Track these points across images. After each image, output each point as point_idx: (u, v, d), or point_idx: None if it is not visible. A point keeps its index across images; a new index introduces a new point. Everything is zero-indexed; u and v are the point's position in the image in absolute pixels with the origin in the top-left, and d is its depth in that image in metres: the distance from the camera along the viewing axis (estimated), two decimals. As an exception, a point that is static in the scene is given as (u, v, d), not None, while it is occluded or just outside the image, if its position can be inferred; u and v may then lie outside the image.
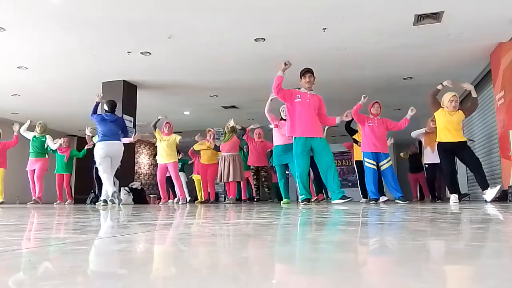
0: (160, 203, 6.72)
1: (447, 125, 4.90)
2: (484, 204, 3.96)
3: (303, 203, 4.37)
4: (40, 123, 7.62)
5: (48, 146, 7.51)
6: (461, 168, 7.78)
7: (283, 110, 6.11)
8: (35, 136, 7.49)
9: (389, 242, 1.06)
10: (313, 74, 4.72)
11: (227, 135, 7.12)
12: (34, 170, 7.45)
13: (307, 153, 4.58)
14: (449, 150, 4.93)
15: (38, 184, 7.41)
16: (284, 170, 6.12)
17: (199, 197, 8.13)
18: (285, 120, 6.09)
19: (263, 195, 8.03)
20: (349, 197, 4.43)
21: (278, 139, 5.96)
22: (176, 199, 6.86)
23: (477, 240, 1.06)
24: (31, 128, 7.51)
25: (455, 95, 4.94)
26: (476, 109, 5.20)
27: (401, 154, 8.79)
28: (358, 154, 6.38)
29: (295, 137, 4.57)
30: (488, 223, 1.66)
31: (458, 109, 4.94)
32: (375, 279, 0.59)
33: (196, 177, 8.33)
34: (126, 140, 5.86)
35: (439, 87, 5.03)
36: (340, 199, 4.39)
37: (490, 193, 4.73)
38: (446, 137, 4.91)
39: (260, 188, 7.87)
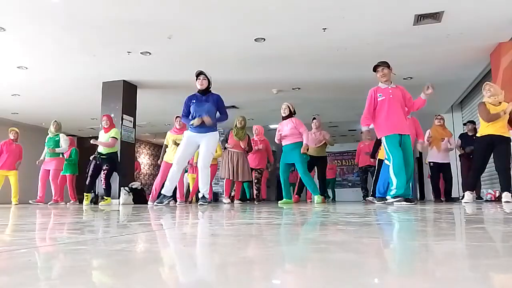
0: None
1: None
2: (484, 204, 3.96)
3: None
4: (55, 121, 7.28)
5: (61, 145, 7.25)
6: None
7: (284, 108, 6.05)
8: (49, 136, 7.23)
9: (388, 242, 1.06)
10: (387, 67, 4.45)
11: (239, 131, 6.67)
12: (48, 170, 7.23)
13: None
14: (487, 143, 4.74)
15: (54, 186, 7.22)
16: (288, 169, 6.04)
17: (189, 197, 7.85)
18: (285, 118, 6.00)
19: (270, 195, 7.85)
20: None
21: (285, 139, 5.91)
22: (178, 201, 6.79)
23: (477, 240, 1.06)
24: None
25: (487, 83, 4.88)
26: None
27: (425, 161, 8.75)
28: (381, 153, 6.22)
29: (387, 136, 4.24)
30: (488, 223, 1.66)
31: (503, 101, 4.75)
32: (375, 279, 0.59)
33: (191, 176, 8.09)
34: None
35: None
36: None
37: (507, 197, 4.59)
38: (487, 129, 4.74)
39: (249, 189, 7.60)
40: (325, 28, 5.31)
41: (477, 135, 4.98)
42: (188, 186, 8.91)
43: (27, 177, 7.77)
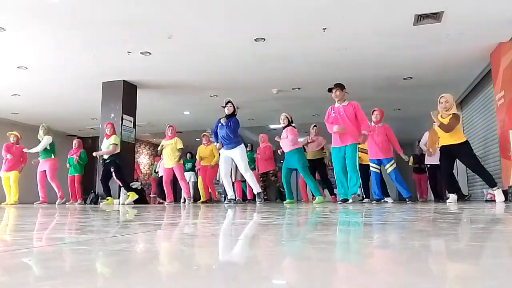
0: (166, 203, 6.80)
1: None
2: (483, 204, 3.96)
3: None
4: (42, 125, 7.62)
5: (50, 144, 7.52)
6: (461, 169, 7.78)
7: (283, 119, 6.24)
8: (39, 140, 7.55)
9: (389, 242, 1.06)
10: (340, 89, 5.17)
11: None
12: (44, 171, 7.50)
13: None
14: (447, 152, 4.99)
15: (55, 184, 7.50)
16: (290, 173, 6.26)
17: (202, 197, 8.16)
18: (284, 127, 6.18)
19: (270, 196, 8.57)
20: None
21: (286, 146, 6.23)
22: (182, 200, 6.98)
23: (477, 240, 1.06)
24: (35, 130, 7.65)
25: (442, 96, 4.98)
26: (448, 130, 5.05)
27: (409, 162, 8.83)
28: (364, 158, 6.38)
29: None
30: (488, 223, 1.66)
31: (453, 114, 4.91)
32: (375, 279, 0.59)
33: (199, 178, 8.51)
34: None
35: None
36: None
37: (499, 194, 4.81)
38: (443, 140, 5.01)
39: (268, 190, 8.17)
40: (325, 28, 5.31)
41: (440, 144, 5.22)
42: (193, 185, 9.15)
43: (26, 177, 7.79)
